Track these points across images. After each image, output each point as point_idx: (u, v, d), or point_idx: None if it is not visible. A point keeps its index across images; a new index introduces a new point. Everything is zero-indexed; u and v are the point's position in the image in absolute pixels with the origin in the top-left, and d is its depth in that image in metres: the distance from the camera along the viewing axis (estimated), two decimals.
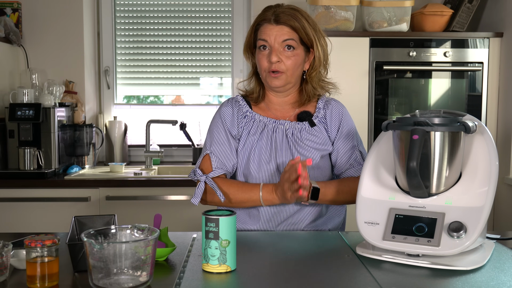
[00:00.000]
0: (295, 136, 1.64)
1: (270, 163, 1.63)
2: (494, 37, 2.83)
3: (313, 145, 1.64)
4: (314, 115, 1.69)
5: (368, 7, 2.84)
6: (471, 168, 1.27)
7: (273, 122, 1.67)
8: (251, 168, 1.63)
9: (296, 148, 1.63)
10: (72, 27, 3.23)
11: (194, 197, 1.60)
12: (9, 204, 2.71)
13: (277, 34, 1.59)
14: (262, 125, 1.67)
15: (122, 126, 3.37)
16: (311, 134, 1.65)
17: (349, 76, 2.79)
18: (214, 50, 3.48)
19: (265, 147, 1.64)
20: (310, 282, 1.11)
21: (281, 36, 1.59)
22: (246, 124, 1.68)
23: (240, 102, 1.72)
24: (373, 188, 1.35)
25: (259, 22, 1.63)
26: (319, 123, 1.67)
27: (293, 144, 1.64)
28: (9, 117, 2.81)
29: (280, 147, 1.64)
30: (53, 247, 1.09)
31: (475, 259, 1.22)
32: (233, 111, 1.70)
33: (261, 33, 1.62)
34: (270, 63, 1.59)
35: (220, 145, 1.66)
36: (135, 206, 2.74)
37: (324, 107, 1.70)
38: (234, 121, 1.68)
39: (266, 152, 1.64)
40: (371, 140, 2.81)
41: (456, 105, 2.86)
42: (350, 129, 1.70)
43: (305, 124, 1.66)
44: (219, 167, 1.63)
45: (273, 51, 1.59)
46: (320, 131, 1.67)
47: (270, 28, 1.60)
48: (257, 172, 1.63)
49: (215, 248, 1.15)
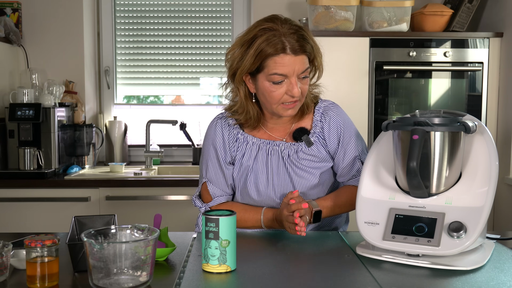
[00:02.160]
0: (291, 158, 1.57)
1: (268, 188, 1.58)
2: (494, 37, 2.83)
3: (312, 164, 1.58)
4: (312, 130, 1.59)
5: (368, 7, 2.84)
6: (471, 168, 1.27)
7: (267, 144, 1.58)
8: (250, 192, 1.59)
9: (294, 170, 1.57)
10: (72, 27, 3.23)
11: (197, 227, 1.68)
12: (9, 204, 2.71)
13: (297, 66, 1.44)
14: (256, 148, 1.59)
15: (122, 126, 3.37)
16: (309, 154, 1.58)
17: (349, 76, 2.79)
18: (214, 50, 3.48)
19: (261, 171, 1.58)
20: (310, 282, 1.11)
21: (300, 67, 1.44)
22: (238, 148, 1.60)
23: (230, 122, 1.61)
24: (373, 188, 1.35)
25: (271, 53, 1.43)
26: (317, 140, 1.59)
27: (290, 166, 1.57)
28: (9, 117, 2.81)
29: (277, 171, 1.57)
30: (53, 247, 1.09)
31: (475, 259, 1.22)
32: (223, 135, 1.61)
33: (277, 65, 1.43)
34: (289, 96, 1.46)
35: (215, 172, 1.61)
36: (135, 206, 2.74)
37: (322, 120, 1.60)
38: (226, 146, 1.60)
39: (263, 176, 1.57)
40: (371, 140, 2.81)
41: (456, 105, 2.86)
42: (350, 139, 1.60)
43: (302, 145, 1.57)
44: (218, 195, 1.62)
45: (294, 84, 1.44)
46: (318, 149, 1.58)
47: (289, 60, 1.43)
48: (257, 197, 1.59)
49: (215, 248, 1.15)
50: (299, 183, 1.57)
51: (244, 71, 1.48)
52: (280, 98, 1.47)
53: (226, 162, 1.61)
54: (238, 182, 1.61)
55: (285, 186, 1.57)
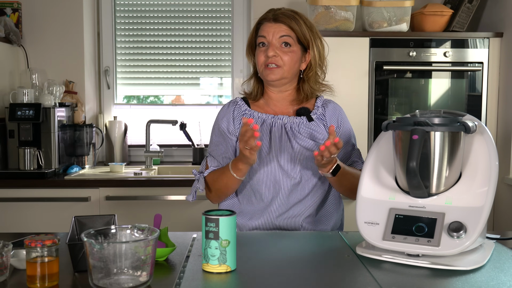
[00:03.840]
0: (293, 130, 1.69)
1: (270, 156, 1.67)
2: (494, 37, 2.83)
3: (312, 138, 1.68)
4: (313, 111, 1.74)
5: (368, 7, 2.84)
6: (471, 168, 1.27)
7: (271, 118, 1.71)
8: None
9: (296, 141, 1.67)
10: (72, 27, 3.23)
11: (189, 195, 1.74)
12: (9, 204, 2.71)
13: (275, 30, 1.66)
14: (261, 121, 1.71)
15: (122, 126, 3.37)
16: (310, 128, 1.70)
17: (349, 76, 2.79)
18: (214, 50, 3.48)
19: (264, 142, 1.68)
20: (310, 282, 1.11)
21: (278, 32, 1.65)
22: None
23: (239, 103, 1.77)
24: (373, 188, 1.35)
25: (260, 21, 1.71)
26: (317, 119, 1.72)
27: (292, 137, 1.67)
28: (9, 117, 2.81)
29: (279, 141, 1.68)
30: (53, 247, 1.09)
31: (475, 259, 1.22)
32: (230, 110, 1.75)
33: (261, 31, 1.69)
34: (267, 57, 1.65)
35: (216, 145, 1.74)
36: (135, 206, 2.74)
37: (323, 106, 1.75)
38: (230, 119, 1.73)
39: (265, 146, 1.67)
40: (371, 140, 2.81)
41: (456, 105, 2.86)
42: (348, 130, 1.76)
43: (303, 119, 1.70)
44: (213, 166, 1.72)
45: (271, 46, 1.65)
46: (319, 126, 1.71)
47: (269, 26, 1.67)
48: (258, 164, 1.66)
49: (215, 248, 1.15)
50: (300, 151, 1.66)
51: (248, 42, 1.75)
52: (263, 60, 1.67)
53: (229, 132, 1.71)
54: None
55: (287, 153, 1.66)
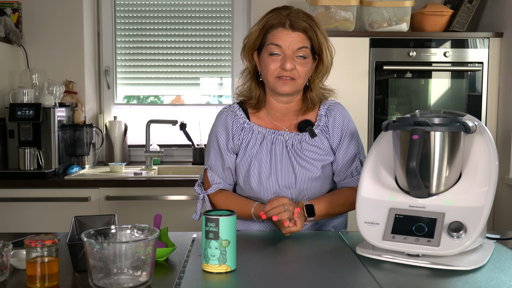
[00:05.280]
0: (295, 148, 1.61)
1: (270, 176, 1.60)
2: (494, 37, 2.83)
3: (314, 156, 1.61)
4: (316, 123, 1.64)
5: (368, 7, 2.84)
6: (471, 168, 1.27)
7: (272, 133, 1.62)
8: (252, 182, 1.60)
9: (297, 160, 1.60)
10: (72, 27, 3.23)
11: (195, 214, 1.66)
12: (9, 204, 2.71)
13: (292, 41, 1.53)
14: (261, 137, 1.63)
15: (122, 126, 3.37)
16: (312, 145, 1.61)
17: (349, 76, 2.79)
18: (214, 50, 3.48)
19: (265, 160, 1.60)
20: (310, 282, 1.11)
21: (296, 43, 1.53)
22: (244, 136, 1.64)
23: (237, 112, 1.66)
24: (373, 188, 1.35)
25: (272, 25, 1.56)
26: (320, 133, 1.63)
27: (293, 155, 1.60)
28: (9, 117, 2.81)
29: (280, 159, 1.60)
30: (53, 247, 1.09)
31: (475, 259, 1.22)
32: (228, 123, 1.65)
33: (274, 37, 1.54)
34: (282, 70, 1.54)
35: (215, 160, 1.66)
36: (135, 206, 2.74)
37: (326, 114, 1.66)
38: (229, 134, 1.64)
39: (266, 165, 1.60)
40: (371, 140, 2.81)
41: (456, 105, 2.86)
42: (352, 136, 1.66)
43: (305, 135, 1.62)
44: (217, 182, 1.66)
45: (287, 58, 1.53)
46: (321, 141, 1.62)
47: (286, 34, 1.53)
48: (258, 186, 1.60)
49: (215, 248, 1.15)
50: (301, 173, 1.59)
51: (251, 42, 1.60)
52: (275, 70, 1.55)
53: (228, 149, 1.64)
54: (241, 170, 1.63)
55: (288, 175, 1.60)
